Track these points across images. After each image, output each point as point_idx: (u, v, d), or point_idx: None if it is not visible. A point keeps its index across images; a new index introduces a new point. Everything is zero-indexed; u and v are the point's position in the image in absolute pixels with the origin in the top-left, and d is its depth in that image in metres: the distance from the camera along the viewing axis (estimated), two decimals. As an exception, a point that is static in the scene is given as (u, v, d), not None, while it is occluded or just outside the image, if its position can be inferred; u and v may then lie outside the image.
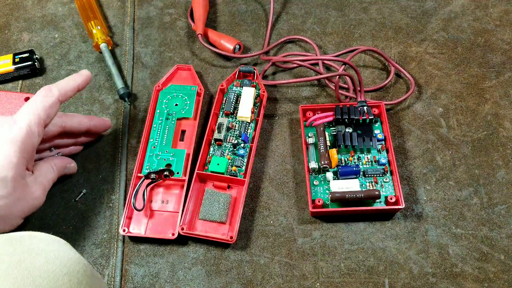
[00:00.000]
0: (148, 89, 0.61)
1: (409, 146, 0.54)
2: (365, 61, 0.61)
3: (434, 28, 0.63)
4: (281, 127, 0.57)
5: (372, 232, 0.49)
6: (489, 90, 0.58)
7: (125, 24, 0.66)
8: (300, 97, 0.59)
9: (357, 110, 0.53)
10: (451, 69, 0.60)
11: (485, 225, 0.49)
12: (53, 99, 0.43)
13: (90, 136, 0.55)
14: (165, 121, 0.56)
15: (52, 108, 0.43)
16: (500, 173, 0.52)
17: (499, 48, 0.61)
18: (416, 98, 0.58)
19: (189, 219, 0.50)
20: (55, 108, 0.43)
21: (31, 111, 0.41)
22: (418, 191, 0.51)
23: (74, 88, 0.46)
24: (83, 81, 0.47)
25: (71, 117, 0.51)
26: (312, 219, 0.51)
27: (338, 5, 0.66)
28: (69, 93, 0.45)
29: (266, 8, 0.67)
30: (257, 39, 0.64)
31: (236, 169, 0.52)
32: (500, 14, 0.64)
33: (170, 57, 0.63)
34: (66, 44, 0.65)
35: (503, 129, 0.55)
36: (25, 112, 0.41)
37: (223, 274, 0.48)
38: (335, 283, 0.47)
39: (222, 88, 0.57)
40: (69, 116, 0.51)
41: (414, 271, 0.47)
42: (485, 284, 0.46)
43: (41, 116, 0.41)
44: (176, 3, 0.68)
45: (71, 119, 0.50)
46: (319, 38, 0.63)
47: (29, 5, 0.69)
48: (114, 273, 0.48)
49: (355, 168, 0.51)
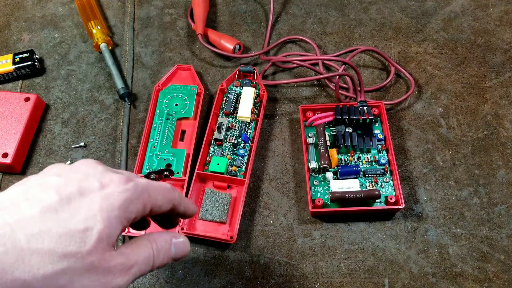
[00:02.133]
0: (148, 89, 0.61)
1: (409, 146, 0.54)
2: (365, 61, 0.61)
3: (434, 28, 0.63)
4: (281, 127, 0.57)
5: (372, 232, 0.49)
6: (489, 90, 0.58)
7: (125, 24, 0.66)
8: (300, 97, 0.59)
9: (357, 110, 0.53)
10: (451, 69, 0.60)
11: (485, 225, 0.49)
12: (174, 196, 0.33)
13: None
14: (165, 121, 0.56)
15: (168, 203, 0.32)
16: (500, 173, 0.52)
17: (499, 48, 0.61)
18: (416, 98, 0.58)
19: (189, 219, 0.50)
20: (168, 206, 0.32)
21: (152, 185, 0.31)
22: (418, 191, 0.51)
23: (187, 208, 0.34)
24: (194, 210, 0.35)
25: None
26: (312, 219, 0.51)
27: (338, 5, 0.66)
28: (181, 208, 0.34)
29: (266, 8, 0.67)
30: (257, 39, 0.64)
31: (236, 169, 0.52)
32: (500, 14, 0.64)
33: (170, 57, 0.63)
34: (66, 44, 0.65)
35: (503, 129, 0.55)
36: (146, 180, 0.31)
37: (223, 274, 0.48)
38: (335, 283, 0.47)
39: (222, 88, 0.57)
40: None
41: (414, 271, 0.47)
42: (485, 284, 0.46)
43: (157, 198, 0.31)
44: (176, 3, 0.68)
45: None
46: (319, 38, 0.63)
47: (29, 5, 0.69)
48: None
49: (355, 168, 0.51)
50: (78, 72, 0.62)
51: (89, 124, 0.58)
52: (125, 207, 0.28)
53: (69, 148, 0.56)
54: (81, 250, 0.25)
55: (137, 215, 0.29)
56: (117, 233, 0.27)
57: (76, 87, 0.61)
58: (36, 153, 0.56)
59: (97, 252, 0.26)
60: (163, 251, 0.31)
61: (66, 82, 0.62)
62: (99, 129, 0.58)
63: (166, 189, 0.32)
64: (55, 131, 0.58)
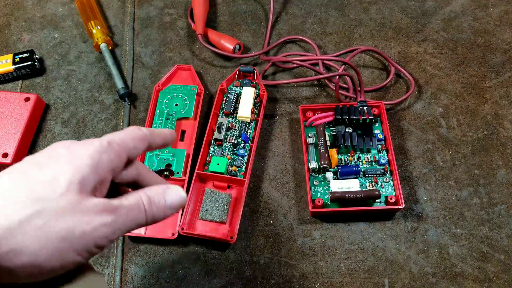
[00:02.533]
0: (148, 89, 0.61)
1: (409, 146, 0.54)
2: (365, 61, 0.61)
3: (434, 28, 0.63)
4: (281, 127, 0.57)
5: (372, 232, 0.49)
6: (489, 90, 0.58)
7: (125, 24, 0.66)
8: (300, 97, 0.59)
9: (357, 110, 0.53)
10: (451, 69, 0.60)
11: (485, 225, 0.49)
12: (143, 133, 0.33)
13: None
14: (165, 121, 0.56)
15: (141, 142, 0.33)
16: (500, 173, 0.52)
17: (499, 48, 0.61)
18: (416, 98, 0.58)
19: (189, 219, 0.50)
20: (143, 144, 0.33)
21: (118, 135, 0.32)
22: (418, 191, 0.51)
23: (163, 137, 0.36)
24: (171, 135, 0.36)
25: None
26: (312, 219, 0.51)
27: (338, 5, 0.66)
28: (158, 140, 0.35)
29: (266, 8, 0.67)
30: (257, 39, 0.64)
31: (236, 169, 0.52)
32: (500, 14, 0.64)
33: (170, 57, 0.63)
34: (66, 44, 0.65)
35: (503, 129, 0.55)
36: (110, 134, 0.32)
37: (223, 274, 0.48)
38: (335, 283, 0.47)
39: (222, 88, 0.57)
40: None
41: (414, 271, 0.47)
42: (485, 284, 0.46)
43: (127, 143, 0.32)
44: (176, 3, 0.68)
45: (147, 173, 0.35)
46: (319, 38, 0.63)
47: (29, 5, 0.69)
48: (114, 273, 0.48)
49: (355, 168, 0.50)
50: (78, 72, 0.62)
51: (89, 124, 0.58)
52: (96, 158, 0.28)
53: (69, 148, 0.56)
54: (52, 194, 0.26)
55: (114, 164, 0.30)
56: (92, 180, 0.28)
57: (76, 87, 0.61)
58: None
59: (71, 194, 0.27)
60: (155, 200, 0.31)
61: (66, 82, 0.62)
62: (99, 129, 0.58)
63: (133, 131, 0.32)
64: (55, 131, 0.58)
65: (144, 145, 0.32)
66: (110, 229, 0.28)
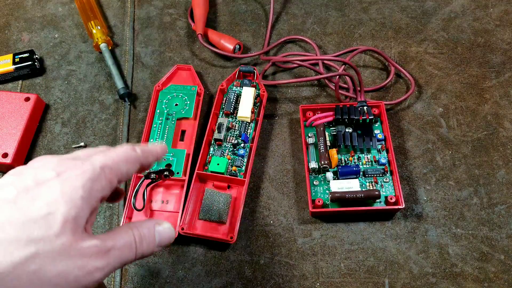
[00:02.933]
0: (148, 89, 0.61)
1: (409, 146, 0.54)
2: (365, 61, 0.61)
3: (434, 28, 0.63)
4: (281, 127, 0.57)
5: (372, 232, 0.49)
6: (489, 90, 0.58)
7: (125, 24, 0.66)
8: (300, 97, 0.59)
9: (357, 110, 0.53)
10: (451, 69, 0.60)
11: (485, 225, 0.49)
12: (136, 154, 0.32)
13: None
14: (165, 121, 0.56)
15: (133, 165, 0.32)
16: (500, 173, 0.52)
17: (499, 48, 0.61)
18: (416, 98, 0.58)
19: (189, 219, 0.50)
20: (135, 166, 0.32)
21: (111, 157, 0.30)
22: (418, 191, 0.51)
23: (154, 155, 0.35)
24: (163, 151, 0.36)
25: None
26: (312, 219, 0.51)
27: (338, 5, 0.66)
28: (150, 158, 0.34)
29: (266, 8, 0.67)
30: (257, 39, 0.64)
31: (236, 169, 0.52)
32: (500, 14, 0.64)
33: (170, 57, 0.63)
34: (66, 44, 0.65)
35: (503, 129, 0.55)
36: (102, 156, 0.30)
37: (223, 274, 0.48)
38: (335, 283, 0.47)
39: (222, 88, 0.57)
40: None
41: (414, 271, 0.47)
42: (485, 284, 0.46)
43: (120, 166, 0.30)
44: (176, 3, 0.68)
45: None
46: (319, 38, 0.63)
47: (29, 5, 0.69)
48: (114, 273, 0.48)
49: (355, 168, 0.50)
50: (78, 72, 0.62)
51: (89, 124, 0.58)
52: (88, 187, 0.27)
53: (69, 148, 0.56)
54: (48, 234, 0.24)
55: (105, 192, 0.28)
56: (85, 214, 0.26)
57: (76, 87, 0.61)
58: (36, 153, 0.56)
59: (66, 234, 0.25)
60: (146, 238, 0.30)
61: (66, 82, 0.62)
62: (99, 129, 0.58)
63: (126, 154, 0.31)
64: (55, 131, 0.58)
65: (136, 167, 0.31)
66: (102, 273, 0.26)
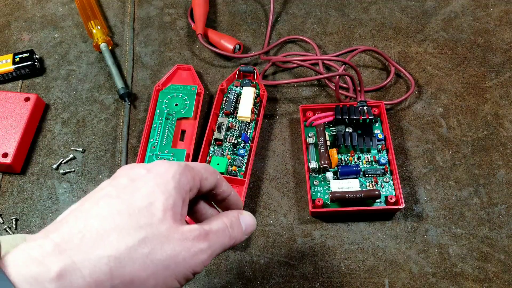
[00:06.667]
0: (148, 89, 0.61)
1: (409, 146, 0.54)
2: (365, 61, 0.61)
3: (434, 28, 0.63)
4: (281, 127, 0.57)
5: (372, 232, 0.49)
6: (489, 90, 0.58)
7: (125, 24, 0.66)
8: (300, 97, 0.59)
9: (357, 110, 0.53)
10: (451, 69, 0.60)
11: (485, 225, 0.49)
12: (214, 169, 0.33)
13: None
14: (165, 121, 0.56)
15: (211, 175, 0.32)
16: (500, 173, 0.52)
17: (499, 48, 0.61)
18: (416, 98, 0.58)
19: (189, 219, 0.50)
20: (213, 177, 0.32)
21: (191, 163, 0.31)
22: (418, 191, 0.51)
23: (227, 189, 0.34)
24: (237, 200, 0.35)
25: None
26: (312, 219, 0.50)
27: (338, 5, 0.66)
28: (224, 186, 0.33)
29: (266, 8, 0.67)
30: (257, 39, 0.64)
31: (236, 169, 0.52)
32: (500, 14, 0.64)
33: (170, 57, 0.63)
34: (66, 44, 0.65)
35: (503, 129, 0.55)
36: (182, 162, 0.31)
37: (223, 274, 0.48)
38: (335, 283, 0.47)
39: (222, 88, 0.57)
40: None
41: (414, 271, 0.47)
42: (485, 284, 0.46)
43: (200, 169, 0.31)
44: (176, 3, 0.68)
45: None
46: (319, 38, 0.63)
47: (29, 5, 0.69)
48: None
49: (355, 168, 0.50)
50: (78, 72, 0.62)
51: (89, 124, 0.58)
52: (177, 179, 0.28)
53: (69, 148, 0.56)
54: (153, 221, 0.26)
55: (192, 187, 0.29)
56: (180, 203, 0.28)
57: (76, 87, 0.61)
58: (36, 153, 0.56)
59: (168, 220, 0.26)
60: (235, 225, 0.31)
61: (66, 82, 0.62)
62: (99, 129, 0.58)
63: (205, 164, 0.32)
64: (55, 131, 0.58)
65: (214, 178, 0.32)
66: (206, 255, 0.28)
